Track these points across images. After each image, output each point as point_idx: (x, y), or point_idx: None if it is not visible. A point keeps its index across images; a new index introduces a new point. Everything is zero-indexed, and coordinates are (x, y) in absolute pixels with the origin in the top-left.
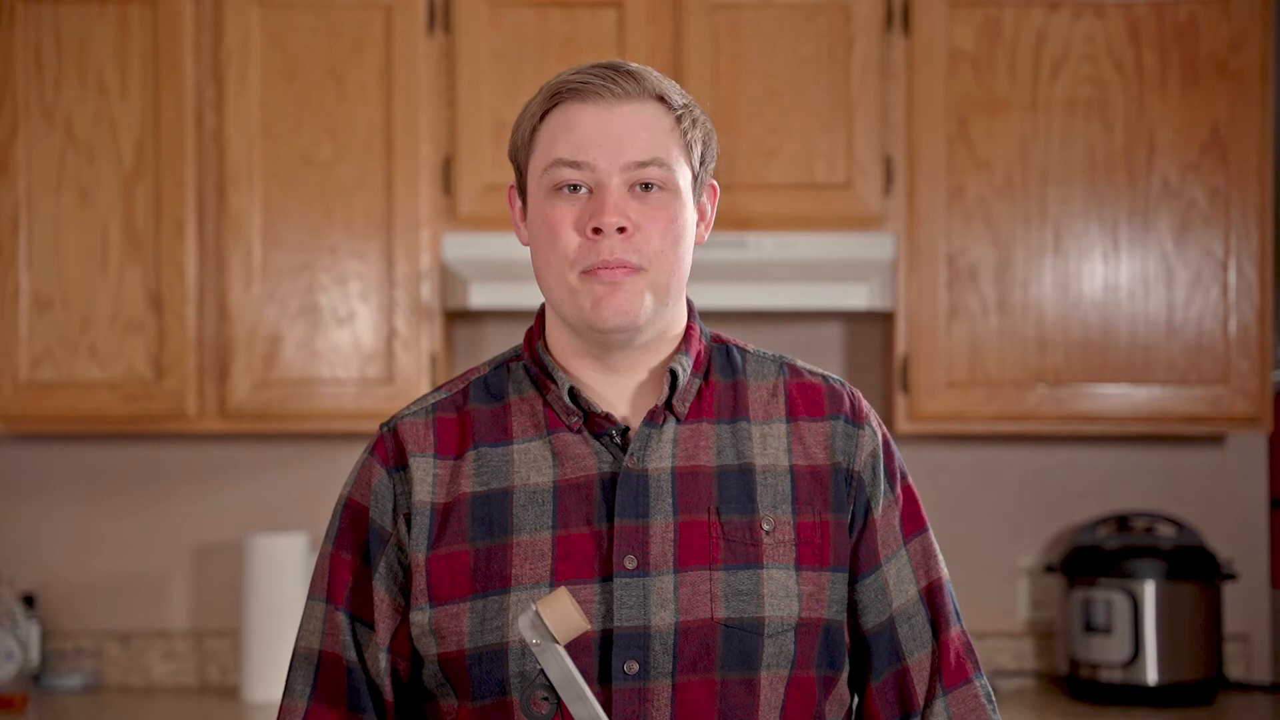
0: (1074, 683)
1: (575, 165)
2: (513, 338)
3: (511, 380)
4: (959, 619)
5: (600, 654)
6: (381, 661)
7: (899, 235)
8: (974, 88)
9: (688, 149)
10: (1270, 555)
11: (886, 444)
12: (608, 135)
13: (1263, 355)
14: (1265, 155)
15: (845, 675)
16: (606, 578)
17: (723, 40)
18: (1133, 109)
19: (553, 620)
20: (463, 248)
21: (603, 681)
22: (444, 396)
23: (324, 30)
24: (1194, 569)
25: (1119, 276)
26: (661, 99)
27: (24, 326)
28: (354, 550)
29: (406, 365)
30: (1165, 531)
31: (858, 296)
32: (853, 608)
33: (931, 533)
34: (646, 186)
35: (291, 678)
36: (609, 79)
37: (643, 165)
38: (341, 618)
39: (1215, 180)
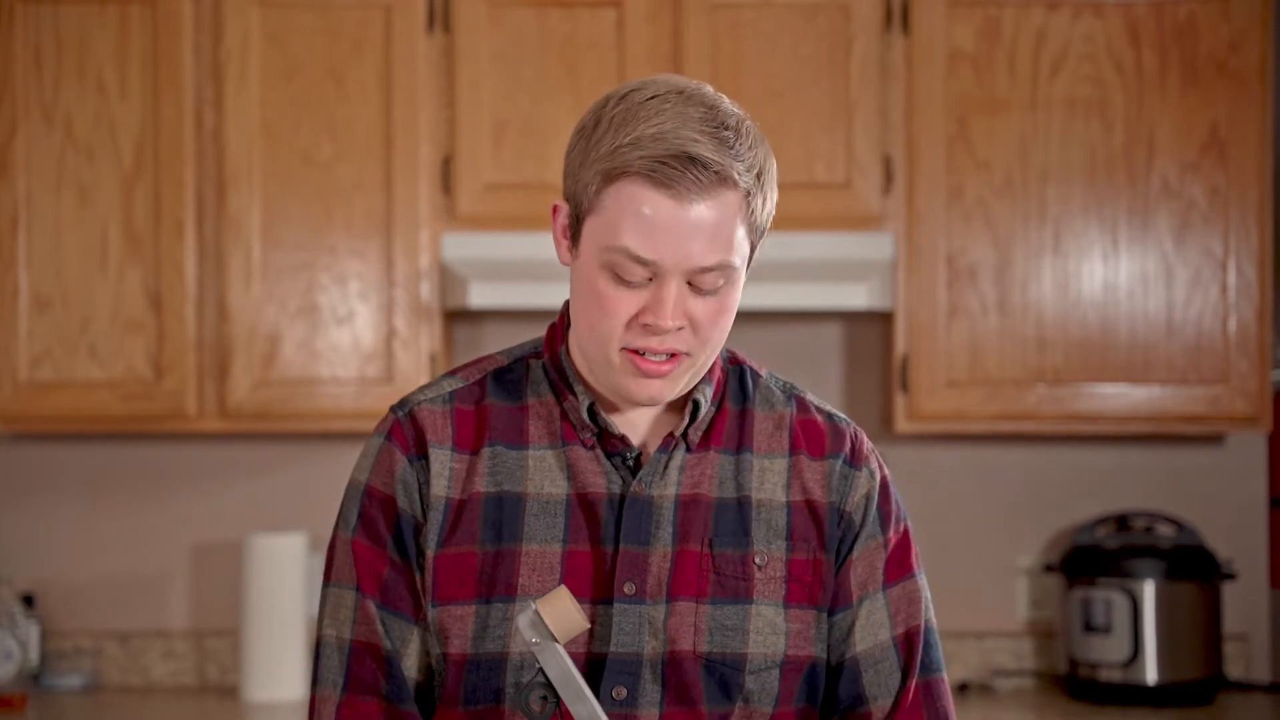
0: (1073, 682)
1: (640, 261)
2: (512, 338)
3: (530, 380)
4: (935, 668)
5: (590, 677)
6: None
7: (898, 235)
8: (974, 88)
9: (752, 228)
10: (1270, 555)
11: (884, 487)
12: (676, 235)
13: (1262, 355)
14: (1265, 155)
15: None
16: (605, 600)
17: (723, 40)
18: (1132, 109)
19: (552, 619)
20: (462, 247)
21: None
22: (461, 386)
23: (324, 30)
24: (1193, 569)
25: (1118, 276)
26: (735, 184)
27: (24, 326)
28: (383, 542)
29: (406, 365)
30: (1165, 531)
31: (857, 296)
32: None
33: (920, 579)
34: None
35: (322, 667)
36: (686, 168)
37: (707, 270)
38: (373, 607)
39: (1215, 180)
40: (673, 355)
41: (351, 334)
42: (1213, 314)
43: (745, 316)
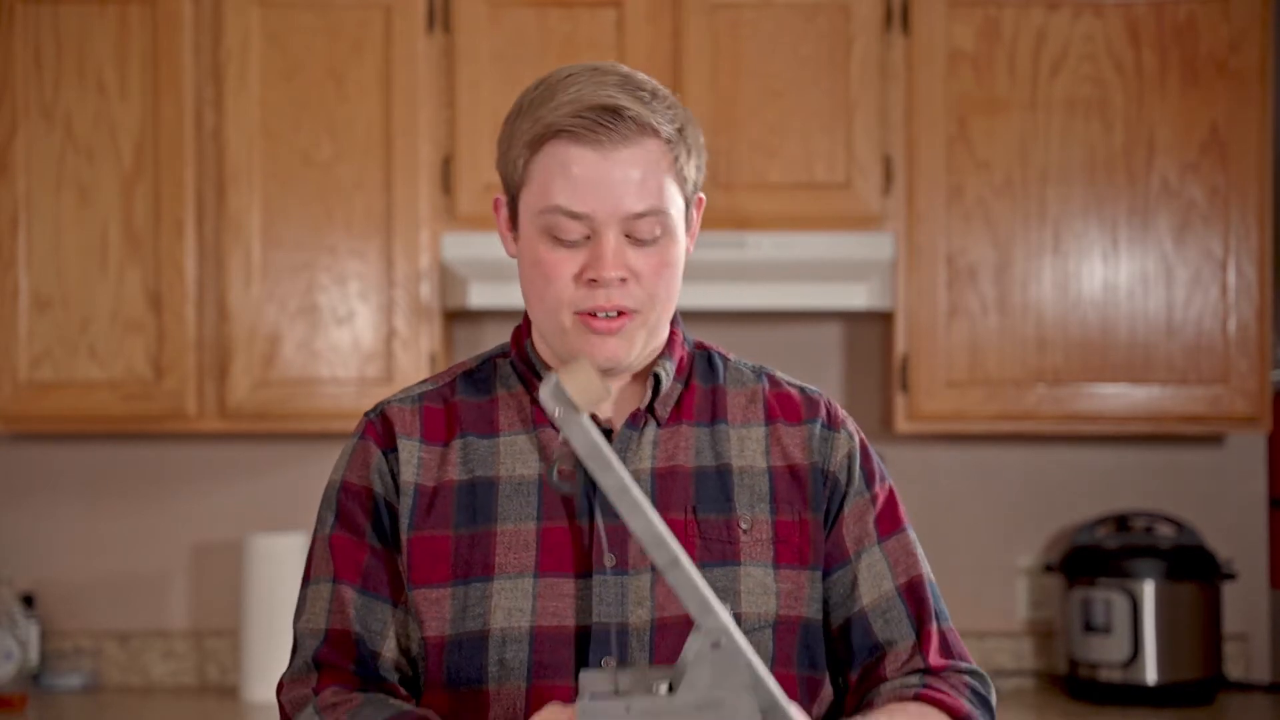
0: (1073, 682)
1: (573, 216)
2: None
3: (499, 376)
4: (944, 617)
5: (578, 649)
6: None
7: (898, 235)
8: (973, 88)
9: (681, 180)
10: (1270, 555)
11: (864, 447)
12: (605, 185)
13: (1262, 355)
14: (1265, 155)
15: (828, 676)
16: (585, 574)
17: (723, 40)
18: (1132, 109)
19: (574, 388)
20: (462, 247)
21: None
22: (430, 389)
23: (324, 30)
24: (1193, 569)
25: (1118, 276)
26: (655, 131)
27: (24, 326)
28: (362, 531)
29: (406, 365)
30: (1164, 531)
31: (857, 296)
32: (825, 603)
33: (911, 533)
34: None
35: (296, 657)
36: (604, 121)
37: (640, 216)
38: (350, 593)
39: (1214, 180)
40: (621, 313)
41: (351, 334)
42: (1213, 314)
43: (745, 317)
